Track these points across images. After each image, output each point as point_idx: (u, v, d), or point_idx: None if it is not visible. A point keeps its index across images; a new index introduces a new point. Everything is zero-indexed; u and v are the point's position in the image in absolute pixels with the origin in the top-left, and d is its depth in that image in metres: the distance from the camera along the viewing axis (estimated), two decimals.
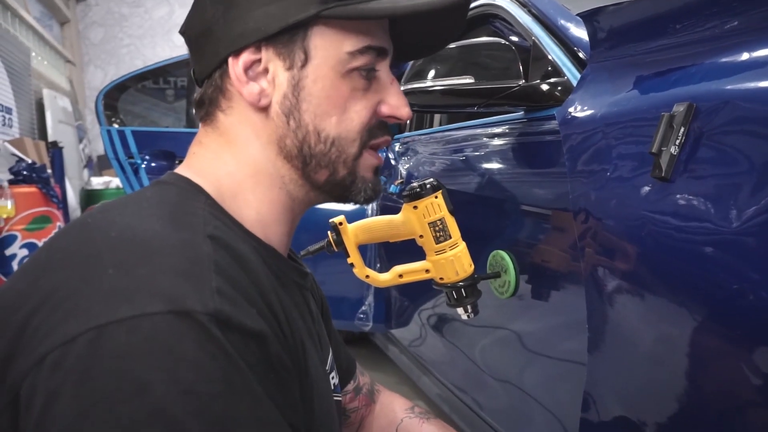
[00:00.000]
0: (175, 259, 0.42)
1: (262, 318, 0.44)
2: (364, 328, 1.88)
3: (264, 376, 0.42)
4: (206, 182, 0.56)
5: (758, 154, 0.53)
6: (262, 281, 0.48)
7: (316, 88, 0.55)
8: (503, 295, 0.97)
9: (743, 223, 0.53)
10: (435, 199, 0.86)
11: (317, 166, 0.57)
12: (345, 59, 0.55)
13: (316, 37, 0.54)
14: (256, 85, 0.55)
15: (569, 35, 1.01)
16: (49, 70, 5.50)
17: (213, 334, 0.39)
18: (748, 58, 0.59)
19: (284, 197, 0.59)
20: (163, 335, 0.38)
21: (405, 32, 0.62)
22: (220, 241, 0.46)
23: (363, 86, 0.57)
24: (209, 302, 0.40)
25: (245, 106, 0.57)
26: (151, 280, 0.40)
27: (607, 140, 0.73)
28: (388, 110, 0.59)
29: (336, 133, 0.56)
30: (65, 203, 3.53)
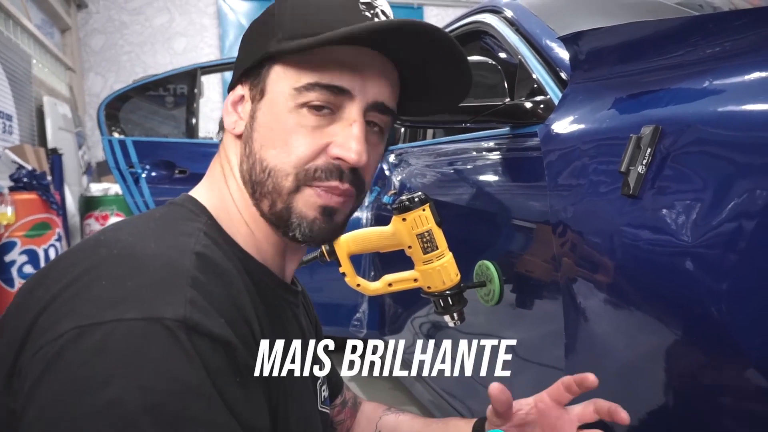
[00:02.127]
0: (158, 273, 0.47)
1: (231, 327, 0.48)
2: (358, 335, 1.92)
3: (228, 380, 0.47)
4: (214, 199, 0.62)
5: (716, 174, 0.57)
6: (241, 295, 0.53)
7: (264, 120, 0.59)
8: (488, 303, 1.01)
9: (703, 237, 0.57)
10: (423, 211, 0.91)
11: (260, 194, 0.60)
12: (292, 95, 0.57)
13: (272, 74, 0.59)
14: (234, 114, 0.63)
15: (553, 55, 1.06)
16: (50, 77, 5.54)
17: (179, 338, 0.44)
18: (709, 86, 0.64)
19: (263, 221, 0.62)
20: (133, 337, 0.43)
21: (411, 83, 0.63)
22: (204, 258, 0.51)
23: (313, 123, 0.57)
24: (180, 310, 0.45)
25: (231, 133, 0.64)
26: (134, 292, 0.46)
27: (583, 158, 0.78)
28: (336, 151, 0.57)
29: (273, 164, 0.58)
30: (64, 210, 3.57)
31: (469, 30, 1.52)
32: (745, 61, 0.62)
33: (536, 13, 1.23)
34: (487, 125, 1.10)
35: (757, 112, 0.56)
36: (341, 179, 0.58)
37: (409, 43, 0.58)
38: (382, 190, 1.80)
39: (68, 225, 3.75)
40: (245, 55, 0.62)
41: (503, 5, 1.34)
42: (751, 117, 0.56)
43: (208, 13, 7.38)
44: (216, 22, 7.33)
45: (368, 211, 1.85)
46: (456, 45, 0.59)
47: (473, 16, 1.49)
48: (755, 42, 0.61)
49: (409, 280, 0.96)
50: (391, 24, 0.55)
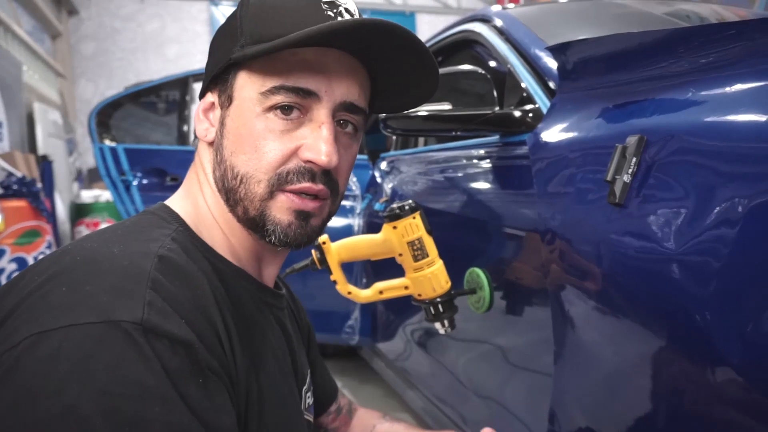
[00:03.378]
0: (117, 277, 0.48)
1: (191, 327, 0.48)
2: (350, 342, 1.92)
3: (189, 381, 0.47)
4: (188, 206, 0.62)
5: (699, 183, 0.59)
6: (206, 297, 0.53)
7: (233, 126, 0.59)
8: (479, 310, 1.02)
9: (687, 244, 0.58)
10: (413, 219, 0.92)
11: (234, 201, 0.60)
12: (258, 99, 0.57)
13: (239, 79, 0.59)
14: (206, 122, 0.63)
15: (541, 65, 1.07)
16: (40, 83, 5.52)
17: (136, 340, 0.44)
18: (693, 96, 0.65)
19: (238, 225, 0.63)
20: (89, 342, 0.43)
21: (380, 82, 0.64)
22: (167, 260, 0.51)
23: (282, 127, 0.57)
24: (137, 313, 0.45)
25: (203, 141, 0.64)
26: (92, 296, 0.46)
27: (571, 166, 0.79)
28: (305, 154, 0.57)
29: (245, 170, 0.58)
30: (55, 217, 3.55)
31: (459, 39, 1.54)
32: (728, 72, 0.63)
33: (526, 22, 1.25)
34: (477, 133, 1.11)
35: (739, 123, 0.57)
36: (314, 180, 0.58)
37: (370, 42, 0.57)
38: (374, 197, 1.81)
39: (58, 232, 3.72)
40: (212, 62, 0.62)
41: (493, 14, 1.36)
42: (733, 127, 0.57)
43: (200, 19, 7.39)
44: (208, 29, 7.35)
45: (360, 218, 1.86)
46: (416, 40, 0.58)
47: (464, 25, 1.50)
48: (739, 54, 0.63)
49: (400, 288, 0.97)
50: (348, 23, 0.54)
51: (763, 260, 0.52)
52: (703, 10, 1.48)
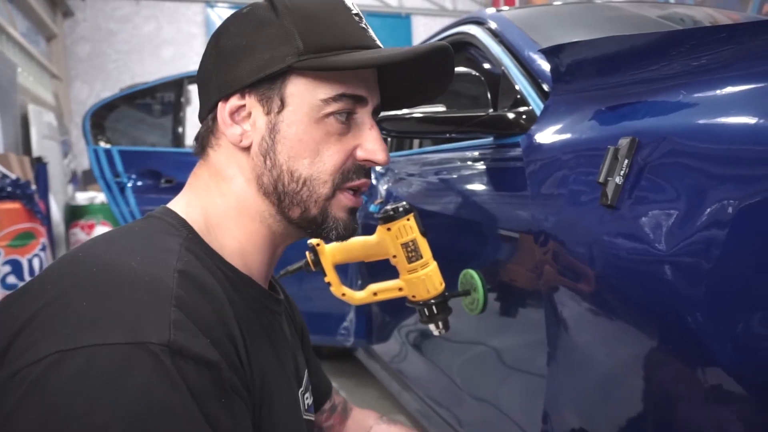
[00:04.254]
0: (141, 294, 0.47)
1: (216, 347, 0.49)
2: (345, 344, 1.92)
3: (213, 402, 0.47)
4: (195, 213, 0.62)
5: (690, 185, 0.59)
6: (226, 310, 0.53)
7: (290, 132, 0.61)
8: (473, 311, 1.02)
9: (678, 246, 0.58)
10: (407, 221, 0.92)
11: (290, 203, 0.62)
12: (318, 105, 0.60)
13: (292, 85, 0.60)
14: (238, 127, 0.62)
15: (535, 67, 1.08)
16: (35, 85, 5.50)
17: (163, 363, 0.44)
18: (684, 99, 0.66)
19: (264, 230, 0.64)
20: (117, 363, 0.43)
21: (396, 82, 0.67)
22: (187, 275, 0.51)
23: (339, 131, 0.62)
24: (164, 334, 0.45)
25: (231, 145, 0.63)
26: (117, 314, 0.45)
27: (564, 168, 0.79)
28: (364, 155, 0.63)
29: (308, 174, 0.61)
30: (49, 219, 3.53)
31: (454, 41, 1.54)
32: (720, 75, 0.64)
33: (519, 25, 1.25)
34: (471, 135, 1.11)
35: (730, 125, 0.57)
36: (367, 176, 0.65)
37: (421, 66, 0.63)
38: (369, 199, 1.81)
39: (53, 234, 3.71)
40: (249, 66, 0.60)
41: (487, 17, 1.36)
42: (724, 130, 0.58)
43: (196, 21, 7.38)
44: (204, 31, 7.34)
45: None
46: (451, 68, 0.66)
47: (458, 27, 1.51)
48: (731, 57, 0.63)
49: (394, 290, 0.97)
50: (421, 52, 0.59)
51: (754, 261, 0.52)
52: (696, 13, 1.49)
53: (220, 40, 0.63)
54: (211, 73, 0.63)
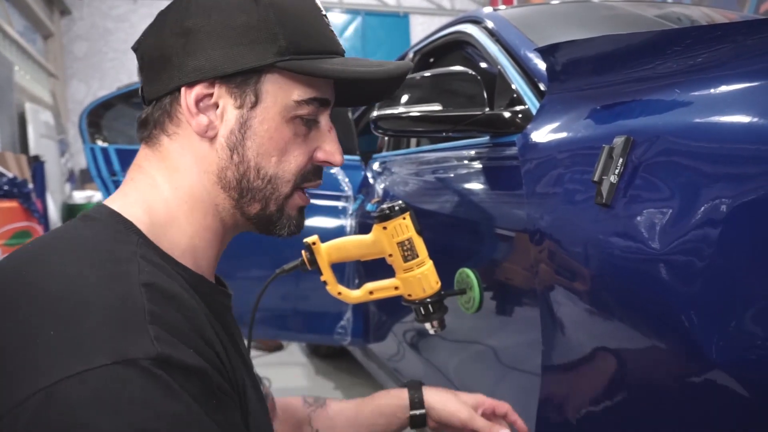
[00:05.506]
0: (113, 313, 0.45)
1: (200, 355, 0.48)
2: (342, 342, 1.92)
3: (209, 407, 0.46)
4: (140, 212, 0.58)
5: (684, 183, 0.59)
6: (198, 317, 0.52)
7: (261, 129, 0.60)
8: (468, 310, 1.02)
9: (672, 244, 0.58)
10: (403, 220, 0.92)
11: (252, 199, 0.62)
12: (292, 106, 0.60)
13: (269, 83, 0.59)
14: (204, 117, 0.59)
15: (531, 66, 1.08)
16: (32, 84, 5.49)
17: (158, 375, 0.42)
18: (678, 98, 0.66)
19: (216, 224, 0.63)
20: (110, 385, 0.41)
21: (348, 87, 0.67)
22: (154, 287, 0.49)
23: (303, 132, 0.63)
24: (150, 348, 0.43)
25: (191, 134, 0.60)
26: (93, 336, 0.43)
27: (559, 167, 0.79)
28: (323, 156, 0.64)
29: (274, 172, 0.62)
30: (46, 218, 3.53)
31: (451, 40, 1.54)
32: (714, 74, 0.64)
33: (516, 24, 1.25)
34: (467, 134, 1.11)
35: (724, 124, 0.58)
36: (321, 177, 0.67)
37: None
38: (366, 198, 1.81)
39: None
40: (225, 55, 0.57)
41: (484, 16, 1.36)
42: (719, 128, 0.58)
43: None
44: None
45: (352, 219, 1.86)
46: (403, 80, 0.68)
47: (455, 26, 1.51)
48: (726, 55, 0.63)
49: (390, 288, 0.97)
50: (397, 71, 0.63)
51: (748, 260, 0.52)
52: (693, 12, 1.50)
53: (188, 18, 0.58)
54: (174, 53, 0.58)
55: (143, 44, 0.62)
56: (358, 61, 0.63)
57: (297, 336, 2.20)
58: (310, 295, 1.84)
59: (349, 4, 8.25)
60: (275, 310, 1.87)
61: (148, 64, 0.61)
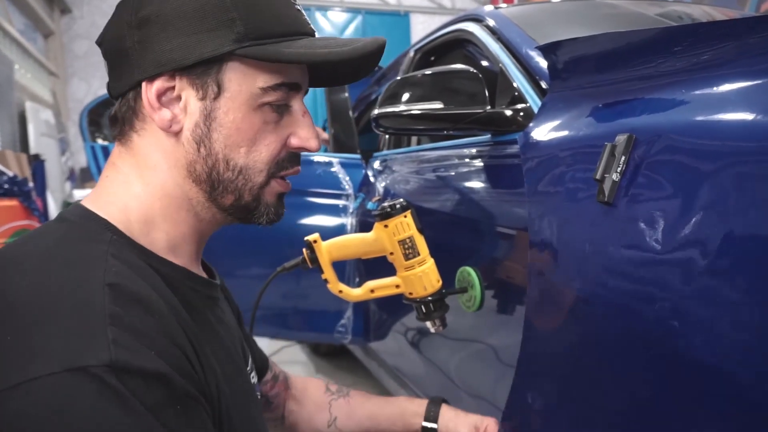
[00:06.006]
0: (71, 319, 0.44)
1: (162, 358, 0.46)
2: (343, 341, 1.92)
3: (168, 412, 0.45)
4: (115, 210, 0.57)
5: (687, 181, 0.59)
6: (167, 319, 0.50)
7: (227, 120, 0.58)
8: (470, 309, 1.02)
9: (675, 243, 0.58)
10: (404, 218, 0.91)
11: (224, 191, 0.60)
12: (257, 94, 0.58)
13: (230, 71, 0.57)
14: (168, 111, 0.58)
15: (533, 64, 1.08)
16: (32, 82, 5.49)
17: (109, 383, 0.41)
18: (681, 95, 0.66)
19: (192, 219, 0.62)
20: (57, 394, 0.40)
21: (320, 68, 0.65)
22: (119, 288, 0.47)
23: (274, 119, 0.60)
24: (104, 354, 0.42)
25: (157, 129, 0.59)
26: (46, 344, 0.42)
27: (561, 165, 0.79)
28: (298, 142, 0.62)
29: (244, 162, 0.60)
30: (47, 217, 3.53)
31: (452, 38, 1.54)
32: (717, 72, 0.64)
33: (517, 22, 1.25)
34: (468, 133, 1.11)
35: (727, 122, 0.57)
36: (299, 163, 0.66)
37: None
38: (367, 196, 1.81)
39: None
40: (181, 45, 0.55)
41: (485, 14, 1.36)
42: (721, 126, 0.58)
43: None
44: None
45: (353, 217, 1.85)
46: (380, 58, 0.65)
47: (456, 25, 1.51)
48: (728, 53, 0.63)
49: (391, 287, 0.97)
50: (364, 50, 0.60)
51: (751, 260, 0.52)
52: (694, 11, 1.49)
53: (142, 7, 0.56)
54: (131, 47, 0.57)
55: (105, 38, 0.60)
56: (327, 41, 0.60)
57: (297, 334, 2.20)
58: (310, 293, 1.84)
59: (349, 3, 8.25)
60: (276, 308, 1.87)
61: (110, 58, 0.60)
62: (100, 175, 1.82)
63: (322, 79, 0.69)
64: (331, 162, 1.95)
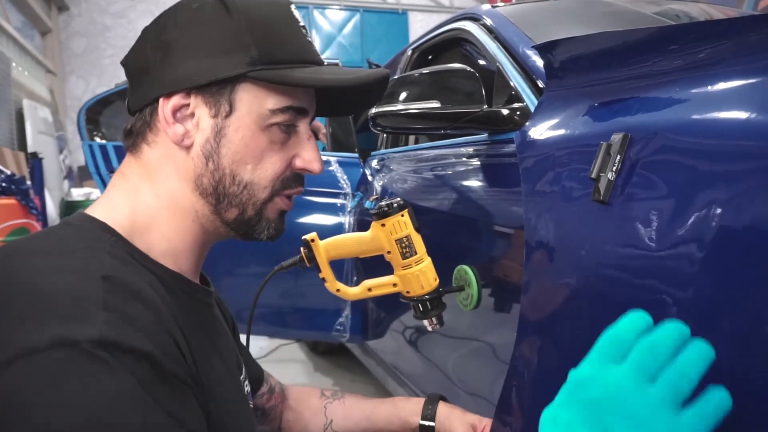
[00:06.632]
0: (64, 303, 0.46)
1: (152, 341, 0.48)
2: (341, 339, 1.92)
3: (157, 389, 0.47)
4: (119, 216, 0.60)
5: (682, 180, 0.59)
6: (160, 310, 0.52)
7: (236, 137, 0.61)
8: (467, 307, 1.02)
9: (670, 242, 0.58)
10: (401, 217, 0.92)
11: (228, 204, 0.63)
12: (266, 115, 0.62)
13: (242, 92, 0.61)
14: (181, 126, 0.62)
15: (530, 63, 1.08)
16: (30, 80, 5.48)
17: (99, 356, 0.43)
18: (677, 94, 0.66)
19: (196, 229, 0.64)
20: (47, 367, 0.42)
21: (331, 94, 0.69)
22: (114, 280, 0.50)
23: (281, 140, 0.64)
24: (94, 331, 0.44)
25: (169, 143, 0.62)
26: (40, 325, 0.44)
27: (557, 164, 0.79)
28: (302, 164, 0.66)
29: (250, 178, 0.63)
30: (44, 215, 3.53)
31: (449, 37, 1.54)
32: (713, 70, 0.64)
33: (515, 21, 1.25)
34: (466, 132, 1.11)
35: (722, 121, 0.58)
36: (303, 184, 0.69)
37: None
38: (365, 195, 1.81)
39: None
40: (198, 66, 0.60)
41: (483, 13, 1.36)
42: (716, 125, 0.58)
43: None
44: None
45: (351, 216, 1.86)
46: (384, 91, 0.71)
47: (453, 24, 1.51)
48: (725, 52, 0.63)
49: (389, 285, 0.97)
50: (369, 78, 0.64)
51: (747, 258, 0.52)
52: (692, 9, 1.49)
53: (165, 32, 0.61)
54: (153, 66, 0.61)
55: (128, 59, 0.65)
56: (333, 69, 0.65)
57: (296, 333, 2.20)
58: (308, 292, 1.85)
59: (348, 2, 8.24)
60: (274, 306, 1.88)
61: (132, 77, 0.65)
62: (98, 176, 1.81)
63: (329, 108, 0.73)
64: (329, 161, 1.95)
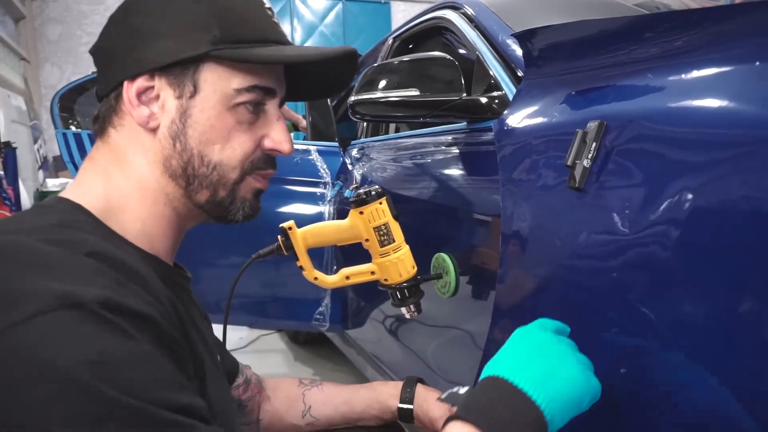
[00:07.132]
0: (60, 267, 0.46)
1: (150, 306, 0.49)
2: (321, 329, 1.92)
3: (162, 349, 0.48)
4: (93, 198, 0.60)
5: (656, 168, 0.60)
6: (149, 282, 0.53)
7: (202, 117, 0.61)
8: (445, 295, 1.03)
9: (644, 229, 0.59)
10: (380, 205, 0.91)
11: (199, 186, 0.63)
12: (231, 94, 0.62)
13: (206, 72, 0.61)
14: (146, 108, 0.61)
15: (509, 52, 1.08)
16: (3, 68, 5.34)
17: (106, 316, 0.44)
18: (652, 82, 0.66)
19: (169, 212, 0.64)
20: (59, 325, 0.43)
21: (301, 76, 0.69)
22: (100, 255, 0.50)
23: (249, 120, 0.63)
24: (98, 293, 0.45)
25: (135, 126, 0.62)
26: (40, 286, 0.44)
27: (534, 152, 0.79)
28: (271, 144, 0.65)
29: (218, 159, 0.63)
30: (19, 206, 3.45)
31: (430, 26, 1.54)
32: (688, 59, 0.64)
33: (495, 10, 1.25)
34: (445, 120, 1.11)
35: (696, 109, 0.58)
36: (274, 166, 0.68)
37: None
38: (345, 184, 1.80)
39: None
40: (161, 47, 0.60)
41: (464, 2, 1.36)
42: (691, 113, 0.59)
43: None
44: None
45: (331, 205, 1.85)
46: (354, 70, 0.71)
47: (435, 12, 1.50)
48: (699, 41, 0.64)
49: (367, 273, 0.97)
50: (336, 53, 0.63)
51: (720, 247, 0.53)
52: (672, 1, 1.51)
53: (130, 16, 0.62)
54: (118, 50, 0.62)
55: (96, 46, 0.65)
56: (299, 47, 0.64)
57: (275, 323, 2.19)
58: (287, 281, 1.83)
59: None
60: (252, 296, 1.86)
61: (99, 63, 0.65)
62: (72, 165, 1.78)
63: (303, 91, 0.73)
64: (309, 150, 1.93)
